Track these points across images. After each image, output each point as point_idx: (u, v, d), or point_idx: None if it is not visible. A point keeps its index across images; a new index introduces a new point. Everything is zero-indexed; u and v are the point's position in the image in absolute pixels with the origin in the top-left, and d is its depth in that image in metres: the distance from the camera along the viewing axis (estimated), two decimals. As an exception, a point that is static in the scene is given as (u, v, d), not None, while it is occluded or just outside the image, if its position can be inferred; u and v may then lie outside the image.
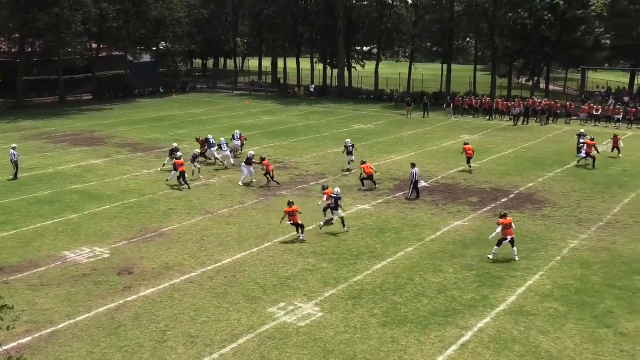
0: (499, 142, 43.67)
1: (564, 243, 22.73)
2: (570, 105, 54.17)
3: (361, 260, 21.06)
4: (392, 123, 52.77)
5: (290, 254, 21.61)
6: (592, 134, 46.13)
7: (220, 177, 32.85)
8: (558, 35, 56.88)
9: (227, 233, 23.89)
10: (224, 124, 51.45)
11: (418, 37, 72.78)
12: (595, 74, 76.07)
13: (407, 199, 28.47)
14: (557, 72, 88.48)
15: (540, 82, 78.81)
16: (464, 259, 21.19)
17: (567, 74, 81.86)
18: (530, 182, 31.87)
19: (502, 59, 68.12)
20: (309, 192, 29.78)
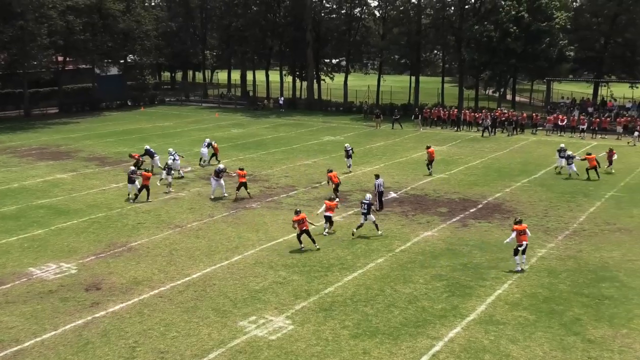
0: (467, 152, 44.11)
1: (532, 252, 22.97)
2: (536, 116, 55.05)
3: (332, 272, 21.04)
4: (362, 135, 53.00)
5: (261, 267, 21.51)
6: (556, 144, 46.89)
7: (189, 191, 32.62)
8: (523, 47, 57.79)
9: (196, 247, 23.70)
10: (193, 137, 51.18)
11: (386, 50, 73.39)
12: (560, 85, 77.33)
13: (377, 210, 28.61)
14: (522, 84, 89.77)
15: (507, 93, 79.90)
16: (434, 269, 21.31)
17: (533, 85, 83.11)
18: (497, 192, 32.21)
19: (469, 71, 68.99)
20: (279, 205, 29.72)
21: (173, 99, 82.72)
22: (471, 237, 24.71)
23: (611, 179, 34.91)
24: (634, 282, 20.18)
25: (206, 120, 62.38)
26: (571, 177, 35.29)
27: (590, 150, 42.84)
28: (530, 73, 70.30)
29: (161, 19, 77.74)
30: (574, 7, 71.49)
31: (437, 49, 75.29)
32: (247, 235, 25.08)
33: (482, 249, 23.35)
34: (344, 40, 74.55)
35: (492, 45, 58.67)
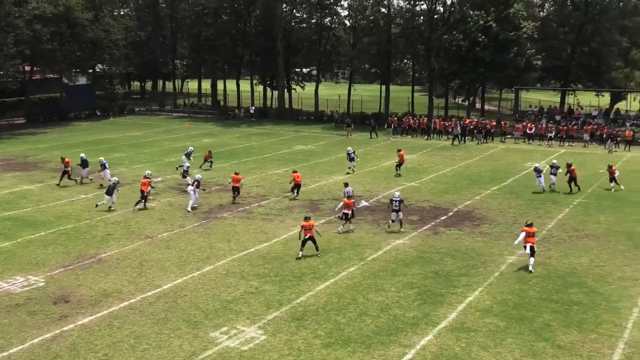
0: (437, 161, 44.45)
1: (502, 259, 23.20)
2: (505, 124, 55.70)
3: (304, 282, 21.01)
4: (333, 143, 53.12)
5: (232, 277, 21.40)
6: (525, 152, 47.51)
7: (159, 201, 32.36)
8: (492, 56, 58.48)
9: (167, 257, 23.51)
10: (163, 147, 50.85)
11: (356, 59, 73.77)
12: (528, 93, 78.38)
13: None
14: (491, 92, 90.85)
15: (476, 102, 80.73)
16: (406, 277, 21.39)
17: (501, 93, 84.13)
18: (468, 199, 32.49)
19: (439, 80, 69.63)
20: (251, 214, 29.62)
21: (143, 108, 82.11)
22: (442, 245, 24.88)
23: (579, 186, 35.41)
24: (602, 288, 20.47)
25: (177, 130, 62.01)
26: (551, 188, 34.03)
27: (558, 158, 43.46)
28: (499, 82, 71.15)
29: (130, 28, 77.18)
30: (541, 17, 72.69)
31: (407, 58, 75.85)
32: (218, 245, 24.95)
33: (453, 256, 23.51)
34: (314, 49, 74.77)
35: (461, 55, 59.31)
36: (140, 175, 38.23)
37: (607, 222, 28.15)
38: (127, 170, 40.38)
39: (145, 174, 32.23)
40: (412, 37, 67.35)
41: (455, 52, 59.67)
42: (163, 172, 39.81)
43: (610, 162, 43.48)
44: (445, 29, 63.19)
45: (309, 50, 76.05)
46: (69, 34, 66.88)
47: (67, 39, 66.92)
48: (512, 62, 59.38)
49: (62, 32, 66.06)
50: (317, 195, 33.48)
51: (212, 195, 33.37)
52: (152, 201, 32.19)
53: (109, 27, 70.79)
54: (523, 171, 40.02)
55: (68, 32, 66.69)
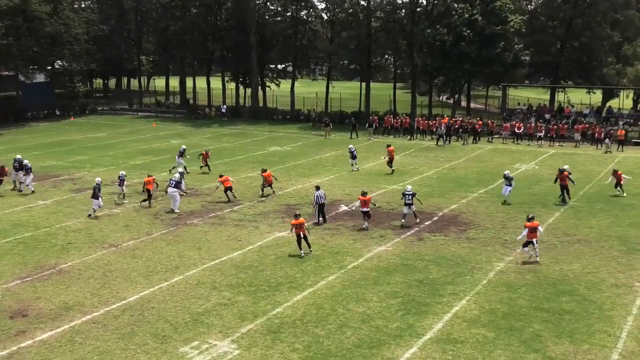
0: (421, 162, 44.67)
1: (490, 266, 23.36)
2: (492, 124, 56.11)
3: (280, 292, 20.99)
4: (310, 144, 53.16)
5: (203, 288, 21.32)
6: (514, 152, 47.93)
7: (124, 207, 32.16)
8: (477, 52, 58.92)
9: (133, 267, 23.36)
10: (128, 148, 50.54)
11: (334, 54, 73.93)
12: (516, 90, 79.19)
13: (316, 224, 28.85)
14: (477, 90, 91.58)
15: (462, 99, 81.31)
16: (388, 286, 21.45)
17: (488, 91, 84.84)
18: (453, 203, 32.67)
19: (422, 76, 70.01)
20: (223, 220, 29.54)
21: (106, 107, 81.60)
22: (427, 252, 24.99)
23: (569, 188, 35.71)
24: (595, 296, 20.69)
25: (143, 131, 61.66)
26: (506, 202, 32.60)
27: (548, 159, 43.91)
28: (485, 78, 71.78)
29: (92, 21, 76.63)
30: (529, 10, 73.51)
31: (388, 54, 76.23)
32: (188, 253, 24.85)
33: (438, 263, 23.63)
34: (290, 44, 74.82)
35: (445, 50, 59.69)
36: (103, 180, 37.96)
37: (600, 226, 28.48)
38: (89, 174, 40.04)
39: (120, 174, 33.21)
40: (394, 31, 67.68)
41: (439, 47, 60.06)
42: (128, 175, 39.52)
43: (602, 163, 44.02)
44: (429, 23, 63.58)
45: (284, 45, 76.10)
46: (26, 28, 66.17)
47: (23, 34, 66.21)
48: (499, 58, 59.91)
49: (18, 26, 65.36)
50: (294, 199, 33.48)
51: (182, 200, 33.19)
52: (117, 207, 31.99)
53: (69, 20, 70.16)
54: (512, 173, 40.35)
55: (24, 26, 65.99)
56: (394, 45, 69.78)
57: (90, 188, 35.85)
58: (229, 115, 72.13)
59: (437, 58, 61.39)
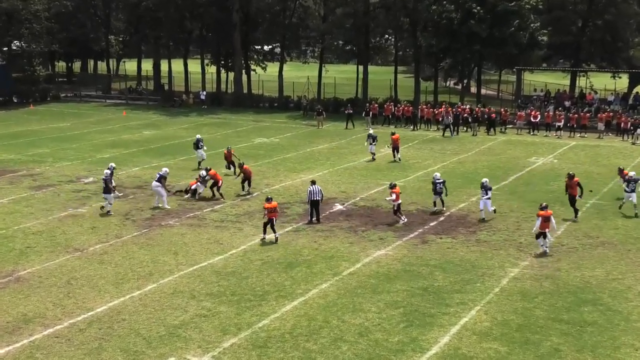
0: (425, 155, 44.71)
1: (503, 272, 23.40)
2: (505, 112, 56.12)
3: (267, 301, 20.98)
4: (301, 136, 53.12)
5: (181, 297, 21.30)
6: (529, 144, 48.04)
7: (90, 206, 32.09)
8: (489, 31, 58.91)
9: (100, 274, 23.32)
10: (95, 141, 50.42)
11: (328, 34, 73.83)
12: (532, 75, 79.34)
13: (309, 223, 29.10)
14: (489, 74, 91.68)
15: (471, 85, 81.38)
16: (389, 294, 21.47)
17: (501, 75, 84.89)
18: (462, 201, 32.72)
19: (426, 59, 70.03)
20: (202, 221, 29.51)
21: (70, 94, 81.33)
22: (432, 256, 25.03)
23: (591, 184, 35.83)
24: (620, 305, 20.75)
25: (111, 120, 61.52)
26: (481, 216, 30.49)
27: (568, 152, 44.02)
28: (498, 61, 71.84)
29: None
30: (547, -16, 73.43)
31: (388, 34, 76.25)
32: (163, 259, 24.82)
33: (444, 269, 23.67)
34: (278, 22, 74.72)
35: (453, 29, 59.66)
36: (67, 176, 37.89)
37: (626, 227, 28.57)
38: (50, 169, 39.94)
39: (162, 171, 32.44)
40: (395, 8, 67.57)
41: (445, 25, 60.04)
42: (94, 171, 39.46)
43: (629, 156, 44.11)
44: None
45: (271, 23, 75.99)
46: (-23, 4, 66.02)
47: (-26, 10, 66.04)
48: (513, 38, 59.91)
49: (-32, 1, 65.17)
50: (283, 197, 33.47)
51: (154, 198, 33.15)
52: (82, 206, 31.93)
53: (27, -5, 69.93)
54: (527, 168, 40.45)
55: (-24, 1, 65.83)
56: (395, 23, 69.73)
57: (51, 185, 35.80)
58: (209, 103, 72.01)
59: (443, 38, 61.36)
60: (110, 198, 30.88)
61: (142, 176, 38.14)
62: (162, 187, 31.80)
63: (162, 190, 31.76)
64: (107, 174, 31.28)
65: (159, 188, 31.70)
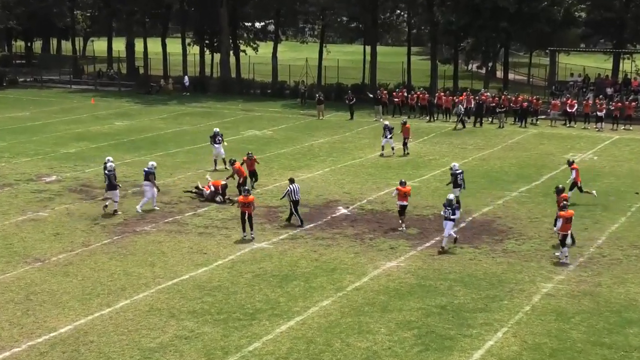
0: (444, 151, 44.66)
1: (534, 287, 23.34)
2: (537, 101, 56.00)
3: (259, 321, 20.93)
4: (298, 127, 53.09)
5: (158, 316, 21.25)
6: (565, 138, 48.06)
7: (53, 209, 32.05)
8: (517, 6, 58.85)
9: (64, 289, 23.27)
10: (58, 133, 50.38)
11: (330, 9, 73.75)
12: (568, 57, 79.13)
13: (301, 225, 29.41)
14: (518, 56, 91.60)
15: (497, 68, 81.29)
16: (400, 313, 21.43)
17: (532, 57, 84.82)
18: (486, 205, 32.67)
19: (445, 38, 69.94)
20: (183, 227, 29.47)
21: (29, 78, 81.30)
22: (451, 269, 24.98)
23: (637, 185, 35.78)
24: (671, 326, 20.72)
25: (77, 109, 61.46)
26: None
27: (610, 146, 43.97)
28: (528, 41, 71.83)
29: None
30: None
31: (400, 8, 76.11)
32: (137, 270, 24.77)
33: (466, 284, 23.63)
34: (271, -5, 74.63)
35: (475, 3, 59.61)
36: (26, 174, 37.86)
37: (678, 235, 28.55)
38: (7, 166, 39.91)
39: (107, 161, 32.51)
40: (408, -21, 67.62)
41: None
42: (57, 168, 39.42)
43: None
44: (454, -32, 63.57)
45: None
46: None
47: None
48: (546, 14, 59.91)
49: None
50: (277, 199, 33.41)
51: (129, 199, 33.15)
52: (43, 209, 31.87)
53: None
54: (562, 165, 40.40)
55: None
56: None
57: (7, 185, 35.76)
58: (192, 89, 71.95)
59: (464, 14, 61.34)
60: (115, 195, 31.22)
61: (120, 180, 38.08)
62: (153, 185, 31.85)
63: (152, 190, 31.76)
64: (111, 167, 31.49)
65: (148, 187, 31.77)
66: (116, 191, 31.48)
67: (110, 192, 31.58)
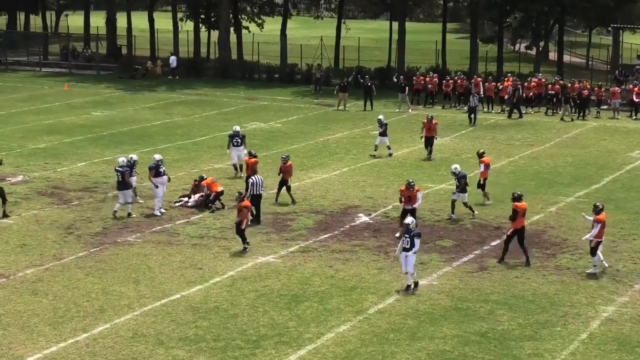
0: (486, 147, 44.46)
1: (593, 311, 23.31)
2: (599, 89, 55.71)
3: (263, 349, 20.97)
4: (311, 119, 53.14)
5: (143, 343, 21.31)
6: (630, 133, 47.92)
7: (20, 215, 32.18)
8: (575, -26, 58.83)
9: (33, 310, 23.36)
10: (26, 124, 50.55)
11: (350, -22, 73.89)
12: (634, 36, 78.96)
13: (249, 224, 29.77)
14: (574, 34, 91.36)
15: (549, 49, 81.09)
16: (433, 341, 21.45)
17: (591, 37, 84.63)
18: (536, 212, 32.61)
19: (488, 13, 69.85)
20: (173, 237, 29.53)
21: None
22: (493, 289, 24.98)
23: None
24: None
25: (49, 96, 61.66)
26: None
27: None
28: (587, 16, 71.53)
29: None
30: None
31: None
32: (119, 289, 24.83)
33: (511, 307, 23.61)
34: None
35: (524, -28, 59.64)
36: None
37: None
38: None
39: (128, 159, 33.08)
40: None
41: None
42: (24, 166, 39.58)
43: None
44: None
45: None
46: None
47: None
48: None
49: None
50: (286, 205, 33.47)
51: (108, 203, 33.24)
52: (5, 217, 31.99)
53: None
54: (627, 165, 40.32)
55: None
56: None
57: None
58: (184, 73, 72.05)
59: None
60: (127, 196, 31.83)
61: (90, 174, 38.26)
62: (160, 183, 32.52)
63: (163, 188, 32.49)
64: (122, 162, 31.95)
65: (160, 185, 32.51)
66: (129, 191, 31.89)
67: (121, 192, 31.86)
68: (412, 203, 29.30)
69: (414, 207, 29.33)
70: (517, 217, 26.56)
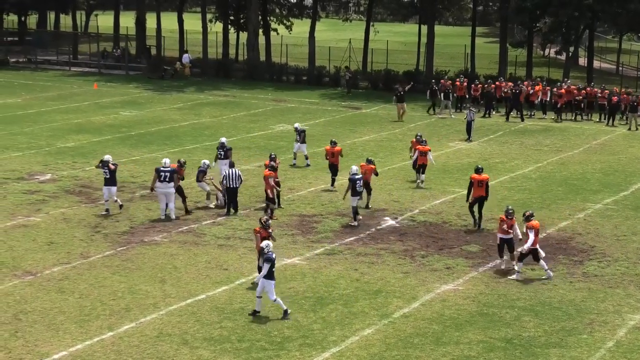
0: (514, 152, 44.45)
1: (620, 319, 23.18)
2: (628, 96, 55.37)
3: (287, 351, 20.98)
4: (339, 122, 53.12)
5: (168, 342, 21.34)
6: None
7: (47, 213, 32.30)
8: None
9: (60, 308, 23.44)
10: (55, 123, 50.76)
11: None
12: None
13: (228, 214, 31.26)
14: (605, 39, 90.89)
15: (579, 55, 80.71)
16: (458, 347, 21.39)
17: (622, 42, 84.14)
18: (564, 219, 32.48)
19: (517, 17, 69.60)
20: (200, 237, 29.56)
21: (22, 58, 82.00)
22: (520, 295, 24.89)
23: None
24: None
25: (78, 96, 61.88)
26: None
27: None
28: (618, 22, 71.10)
29: None
30: None
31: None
32: (145, 288, 24.90)
33: (537, 314, 23.53)
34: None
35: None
36: (16, 171, 38.22)
37: None
38: None
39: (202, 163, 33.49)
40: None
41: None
42: (53, 165, 39.73)
43: None
44: None
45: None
46: None
47: None
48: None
49: None
50: (311, 207, 33.50)
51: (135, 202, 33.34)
52: (35, 213, 32.13)
53: None
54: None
55: None
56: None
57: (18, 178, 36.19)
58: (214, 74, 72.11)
59: (541, -12, 61.13)
60: (112, 192, 32.36)
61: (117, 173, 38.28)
62: (204, 182, 33.40)
63: (106, 190, 32.46)
64: (167, 163, 31.85)
65: (203, 187, 33.51)
66: (114, 188, 32.49)
67: (106, 188, 32.36)
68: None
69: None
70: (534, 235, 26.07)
